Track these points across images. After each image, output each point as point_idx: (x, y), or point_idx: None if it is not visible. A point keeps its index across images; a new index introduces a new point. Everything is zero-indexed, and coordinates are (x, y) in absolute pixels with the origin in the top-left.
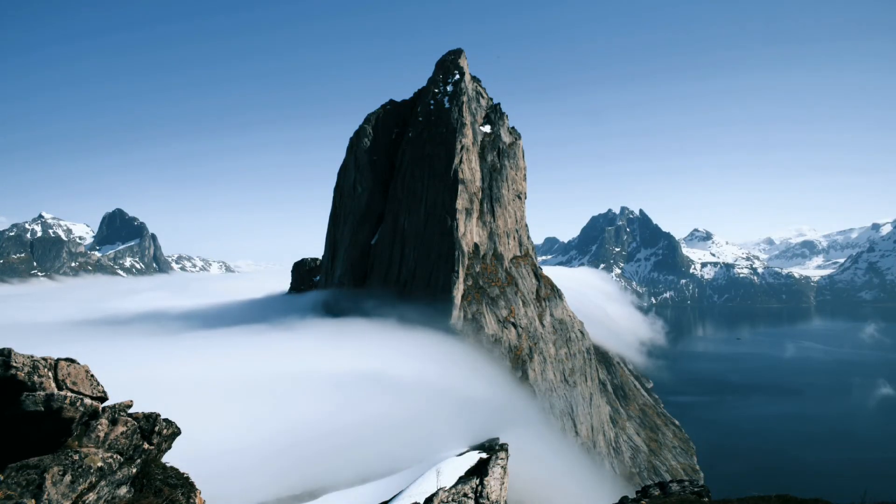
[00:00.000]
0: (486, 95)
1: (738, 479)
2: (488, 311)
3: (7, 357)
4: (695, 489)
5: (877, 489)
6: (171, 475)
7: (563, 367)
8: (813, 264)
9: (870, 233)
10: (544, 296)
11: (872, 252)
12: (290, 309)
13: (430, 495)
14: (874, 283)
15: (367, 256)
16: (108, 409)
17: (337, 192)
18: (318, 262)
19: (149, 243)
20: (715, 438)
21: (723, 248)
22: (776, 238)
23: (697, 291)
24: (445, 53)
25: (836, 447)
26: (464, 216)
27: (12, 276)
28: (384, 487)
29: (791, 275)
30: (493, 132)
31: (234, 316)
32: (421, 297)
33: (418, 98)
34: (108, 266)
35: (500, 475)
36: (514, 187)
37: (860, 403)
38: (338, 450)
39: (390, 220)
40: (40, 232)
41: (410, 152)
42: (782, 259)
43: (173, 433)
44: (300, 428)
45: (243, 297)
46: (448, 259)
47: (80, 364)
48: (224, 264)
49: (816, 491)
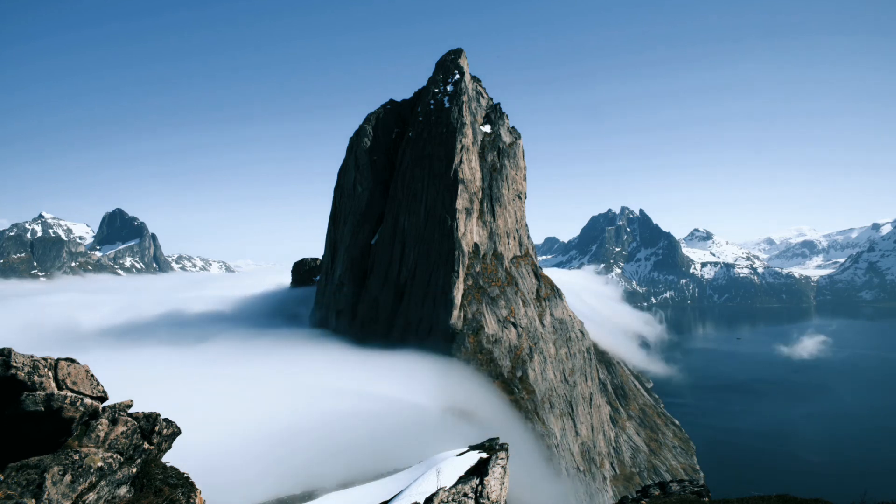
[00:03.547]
0: (486, 95)
1: (738, 479)
2: (488, 311)
3: (7, 357)
4: (695, 489)
5: (877, 489)
6: (171, 475)
7: (563, 366)
8: (813, 264)
9: (870, 233)
10: (544, 295)
11: (872, 252)
12: (289, 318)
13: (430, 495)
14: (874, 282)
15: (367, 256)
16: (108, 408)
17: (337, 191)
18: (318, 262)
19: (149, 243)
20: (715, 438)
21: (723, 248)
22: (776, 238)
23: (697, 291)
24: (445, 53)
25: (837, 447)
26: (464, 216)
27: (12, 276)
28: (384, 487)
29: (791, 275)
30: (493, 132)
31: (235, 316)
32: (420, 300)
33: (418, 98)
34: (109, 266)
35: (501, 475)
36: (514, 187)
37: (860, 403)
38: (337, 450)
39: (390, 220)
40: (40, 232)
41: (410, 152)
42: (782, 259)
43: (173, 433)
44: (300, 428)
45: (244, 296)
46: (448, 259)
47: (80, 364)
48: (224, 264)
49: (817, 491)
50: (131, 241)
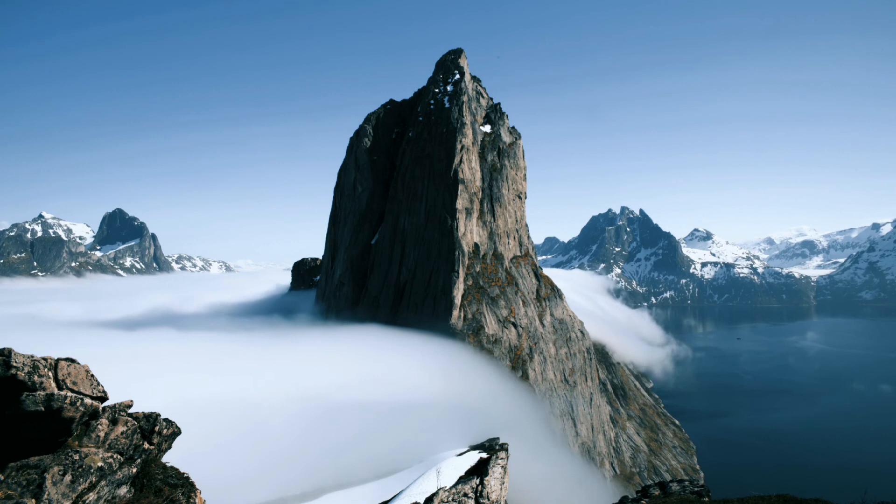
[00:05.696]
0: (486, 95)
1: (739, 479)
2: (488, 311)
3: (7, 357)
4: (695, 489)
5: (877, 489)
6: (172, 475)
7: (563, 366)
8: (813, 264)
9: (870, 232)
10: (544, 295)
11: (872, 252)
12: (289, 313)
13: (430, 495)
14: (874, 282)
15: (367, 256)
16: (108, 408)
17: (337, 191)
18: (318, 262)
19: (149, 243)
20: (715, 438)
21: (723, 248)
22: (776, 238)
23: (698, 291)
24: (445, 53)
25: (837, 447)
26: (464, 216)
27: (12, 275)
28: (384, 487)
29: (791, 274)
30: (493, 132)
31: (234, 316)
32: (420, 299)
33: (418, 98)
34: (109, 266)
35: (501, 475)
36: (514, 187)
37: (860, 403)
38: (338, 450)
39: (390, 220)
40: (40, 232)
41: (411, 152)
42: (782, 259)
43: (173, 433)
44: (300, 428)
45: (243, 296)
46: (448, 259)
47: (80, 364)
48: (224, 264)
49: (817, 491)
50: (131, 241)
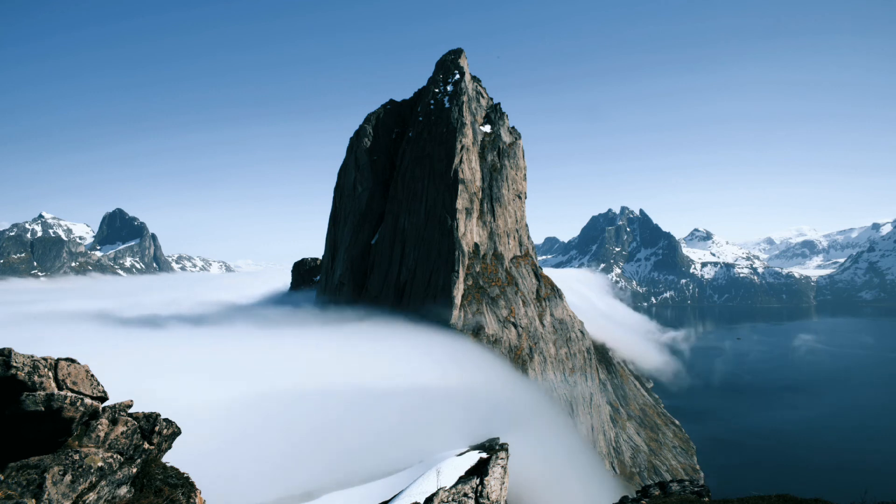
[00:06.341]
0: (486, 95)
1: (739, 479)
2: (488, 311)
3: (7, 357)
4: (695, 489)
5: (877, 489)
6: (171, 475)
7: (563, 366)
8: (813, 264)
9: (870, 232)
10: (544, 295)
11: (873, 252)
12: (289, 311)
13: (430, 495)
14: (874, 282)
15: (367, 256)
16: (108, 408)
17: (337, 191)
18: (318, 262)
19: (149, 243)
20: (715, 438)
21: (723, 248)
22: (776, 238)
23: (698, 291)
24: (445, 53)
25: (837, 447)
26: (464, 216)
27: (12, 275)
28: (384, 487)
29: (791, 274)
30: (493, 132)
31: (235, 315)
32: (420, 299)
33: (418, 98)
34: (109, 266)
35: (501, 475)
36: (514, 187)
37: (860, 403)
38: (338, 450)
39: (390, 220)
40: (40, 232)
41: (411, 152)
42: (782, 259)
43: (173, 433)
44: (300, 428)
45: (244, 296)
46: (448, 259)
47: (80, 364)
48: (224, 264)
49: (817, 491)
50: (131, 241)
